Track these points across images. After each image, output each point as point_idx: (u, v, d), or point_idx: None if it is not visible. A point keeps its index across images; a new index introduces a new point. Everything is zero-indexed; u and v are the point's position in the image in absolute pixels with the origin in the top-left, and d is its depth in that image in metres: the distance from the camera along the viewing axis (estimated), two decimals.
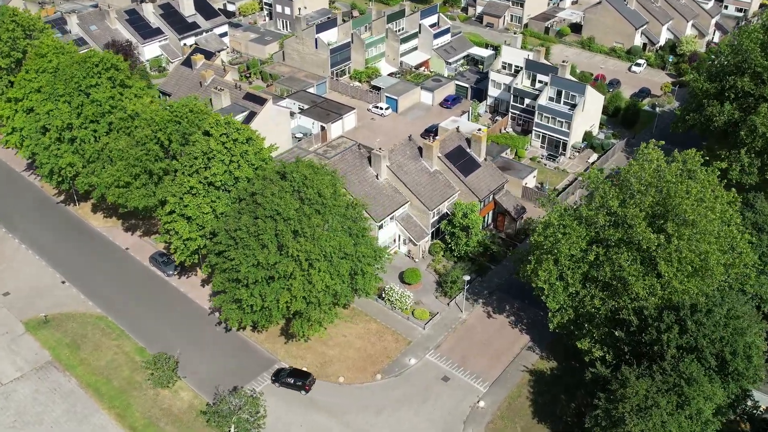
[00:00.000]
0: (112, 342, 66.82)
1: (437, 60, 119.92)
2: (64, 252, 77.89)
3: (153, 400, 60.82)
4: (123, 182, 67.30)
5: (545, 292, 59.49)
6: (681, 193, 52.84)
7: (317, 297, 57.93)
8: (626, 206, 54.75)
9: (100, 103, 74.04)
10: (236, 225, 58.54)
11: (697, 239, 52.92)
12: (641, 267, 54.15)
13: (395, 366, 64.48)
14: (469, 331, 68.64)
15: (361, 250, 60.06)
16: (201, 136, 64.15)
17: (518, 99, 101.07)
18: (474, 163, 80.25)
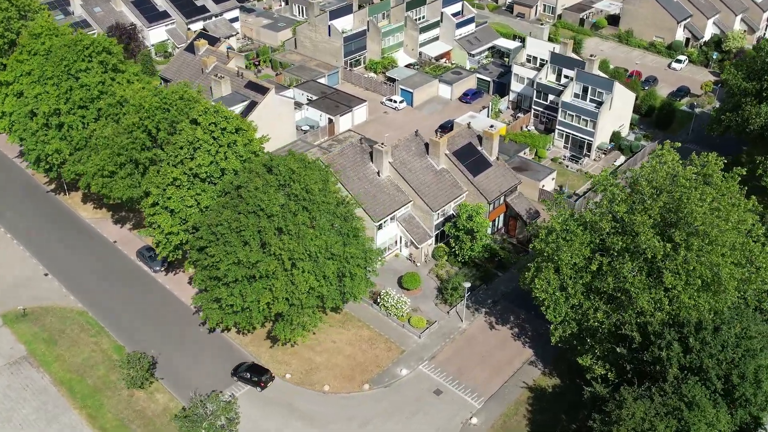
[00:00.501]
0: (90, 339, 67.97)
1: (459, 51, 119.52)
2: (49, 243, 79.47)
3: (127, 401, 61.71)
4: (107, 172, 68.37)
5: (545, 303, 58.87)
6: (694, 200, 51.83)
7: (300, 299, 58.13)
8: (634, 212, 53.89)
9: (89, 88, 75.37)
10: (217, 220, 59.07)
11: (707, 250, 51.86)
12: (646, 279, 53.26)
13: (385, 376, 64.44)
14: (468, 342, 68.28)
15: (350, 250, 60.10)
16: (188, 125, 64.92)
17: (541, 95, 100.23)
18: (484, 162, 79.79)
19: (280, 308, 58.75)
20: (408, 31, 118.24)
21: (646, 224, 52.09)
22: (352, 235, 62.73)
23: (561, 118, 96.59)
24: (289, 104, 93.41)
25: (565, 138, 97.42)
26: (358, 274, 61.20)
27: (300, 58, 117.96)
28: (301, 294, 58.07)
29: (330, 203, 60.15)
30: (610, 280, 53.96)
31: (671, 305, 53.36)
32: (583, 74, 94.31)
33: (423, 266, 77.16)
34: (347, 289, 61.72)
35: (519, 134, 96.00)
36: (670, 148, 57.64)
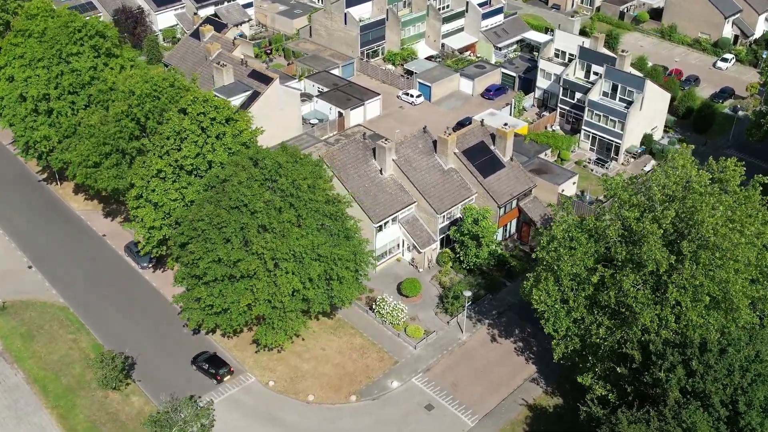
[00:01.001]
0: (69, 335, 69.17)
1: (485, 44, 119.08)
2: (36, 234, 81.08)
3: (100, 403, 62.65)
4: (92, 162, 69.53)
5: (545, 316, 58.32)
6: (705, 209, 50.86)
7: (282, 301, 58.43)
8: (644, 220, 53.06)
9: (79, 73, 76.78)
10: (199, 215, 59.68)
11: (718, 265, 50.84)
12: (651, 293, 52.41)
13: (374, 388, 64.43)
14: (467, 355, 67.94)
15: (338, 252, 60.21)
16: (175, 114, 65.72)
17: (568, 92, 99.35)
18: (497, 163, 79.33)
19: (261, 311, 59.10)
20: (430, 20, 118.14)
21: (656, 234, 51.24)
22: (343, 236, 62.83)
23: (587, 118, 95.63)
24: (294, 95, 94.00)
25: (592, 140, 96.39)
26: (346, 277, 61.22)
27: (314, 48, 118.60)
28: (284, 296, 58.32)
29: (318, 200, 60.30)
30: (611, 294, 53.21)
31: (678, 323, 52.43)
32: (613, 71, 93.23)
33: (426, 272, 76.99)
34: (335, 293, 61.81)
35: (541, 134, 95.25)
36: (686, 151, 56.64)
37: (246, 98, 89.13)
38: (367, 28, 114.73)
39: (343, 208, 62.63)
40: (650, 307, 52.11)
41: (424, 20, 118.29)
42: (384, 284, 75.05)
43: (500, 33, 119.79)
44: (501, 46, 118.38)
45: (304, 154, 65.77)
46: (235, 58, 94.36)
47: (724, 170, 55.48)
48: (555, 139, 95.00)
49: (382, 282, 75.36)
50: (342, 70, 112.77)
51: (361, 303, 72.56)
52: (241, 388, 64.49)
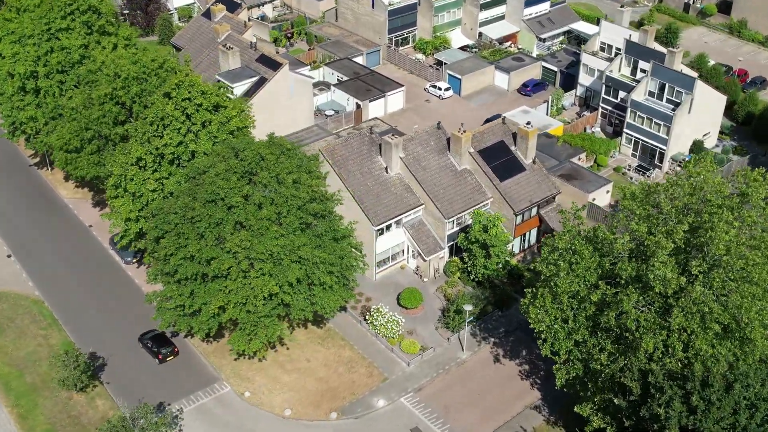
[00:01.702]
0: (40, 331, 70.91)
1: (527, 34, 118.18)
2: (20, 222, 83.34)
3: (63, 405, 64.06)
4: (72, 146, 71.17)
5: (542, 336, 57.64)
6: (720, 224, 49.63)
7: (256, 305, 58.93)
8: (655, 233, 52.04)
9: (69, 51, 78.66)
10: (173, 207, 60.62)
11: (731, 288, 49.54)
12: (656, 317, 51.32)
13: (358, 405, 64.50)
14: (465, 375, 67.56)
15: (320, 254, 60.43)
16: (160, 98, 66.86)
17: (611, 91, 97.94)
18: (516, 165, 78.70)
19: (234, 314, 59.69)
20: (467, 7, 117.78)
21: (666, 248, 50.18)
22: (330, 237, 63.05)
23: (630, 120, 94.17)
24: (306, 84, 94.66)
25: (634, 144, 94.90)
26: (328, 282, 61.38)
27: (338, 33, 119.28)
28: (258, 300, 58.79)
29: (302, 197, 60.63)
30: (611, 315, 52.30)
31: (686, 352, 51.26)
32: (661, 69, 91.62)
33: (431, 282, 76.75)
34: (317, 299, 62.09)
35: (576, 136, 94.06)
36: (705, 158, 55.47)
37: (252, 84, 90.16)
38: (396, 13, 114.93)
39: (330, 206, 62.80)
40: (655, 333, 51.01)
41: (460, 6, 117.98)
42: (383, 293, 75.11)
43: (545, 23, 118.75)
44: (545, 37, 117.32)
45: (293, 146, 66.25)
46: (244, 41, 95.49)
47: (748, 182, 54.03)
48: (591, 142, 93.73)
49: (382, 290, 75.44)
50: (366, 58, 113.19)
51: (355, 312, 72.75)
52: (214, 398, 65.25)
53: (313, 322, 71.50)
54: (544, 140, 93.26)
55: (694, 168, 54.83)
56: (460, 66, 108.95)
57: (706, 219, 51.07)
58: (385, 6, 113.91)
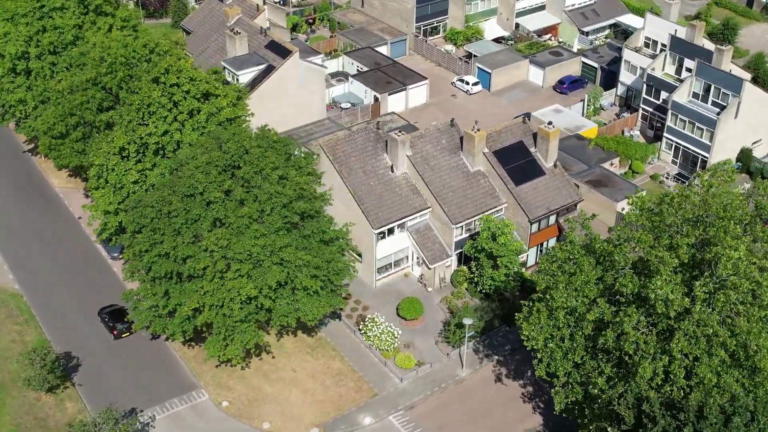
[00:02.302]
0: (15, 327, 72.54)
1: (569, 27, 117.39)
2: (6, 211, 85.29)
3: (31, 405, 65.42)
4: (56, 132, 72.69)
5: (538, 356, 57.21)
6: (727, 239, 48.77)
7: (232, 308, 59.49)
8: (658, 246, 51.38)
9: (62, 31, 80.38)
10: (150, 200, 61.57)
11: (738, 311, 48.63)
12: (658, 340, 50.59)
13: (343, 422, 64.74)
14: (463, 394, 67.39)
15: (303, 256, 60.76)
16: (147, 84, 67.93)
17: (652, 91, 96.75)
18: (535, 169, 78.21)
19: (209, 318, 60.34)
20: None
21: (669, 264, 49.52)
22: (317, 239, 63.36)
23: (671, 124, 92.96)
24: (318, 73, 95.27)
25: (675, 150, 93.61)
26: (313, 287, 61.67)
27: (363, 20, 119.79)
28: (234, 303, 59.35)
29: (287, 194, 61.05)
30: (609, 336, 51.72)
31: (689, 380, 50.45)
32: (706, 68, 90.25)
33: (435, 292, 76.69)
34: (299, 305, 62.47)
35: (611, 139, 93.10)
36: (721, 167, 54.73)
37: (259, 72, 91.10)
38: (424, 0, 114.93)
39: (317, 206, 63.09)
40: (655, 358, 50.30)
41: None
42: (383, 302, 75.29)
43: (589, 14, 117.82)
44: (588, 30, 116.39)
45: (285, 140, 66.76)
46: (254, 26, 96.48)
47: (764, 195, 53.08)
48: (627, 146, 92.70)
49: (382, 299, 75.63)
50: (391, 48, 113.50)
51: (350, 321, 73.03)
52: (190, 406, 66.05)
53: (304, 330, 71.98)
54: (575, 142, 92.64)
55: (708, 179, 53.98)
56: (490, 59, 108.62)
57: (713, 234, 50.27)
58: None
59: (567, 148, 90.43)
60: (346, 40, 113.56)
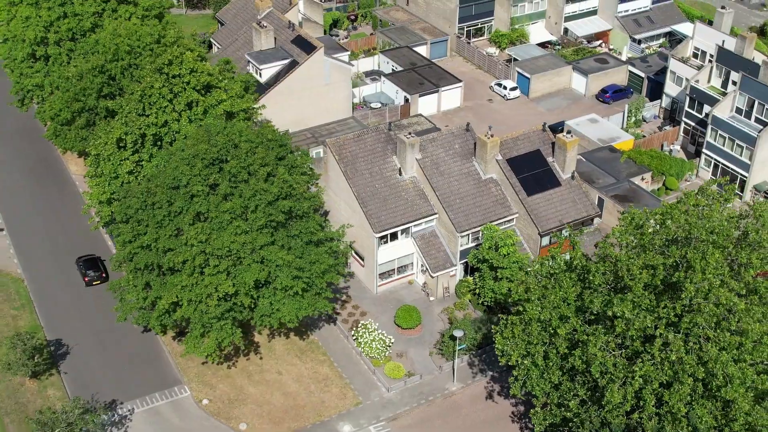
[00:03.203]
0: (11, 311, 74.80)
1: (620, 33, 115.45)
2: (21, 195, 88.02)
3: (14, 391, 67.35)
4: (62, 118, 74.74)
5: (514, 372, 56.49)
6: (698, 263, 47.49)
7: (208, 304, 60.26)
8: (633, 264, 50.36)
9: (81, 18, 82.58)
10: (136, 192, 62.87)
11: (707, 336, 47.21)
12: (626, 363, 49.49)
13: (321, 428, 64.98)
14: (450, 410, 66.94)
15: (283, 256, 61.10)
16: (149, 73, 69.31)
17: (695, 104, 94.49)
18: (550, 179, 77.24)
19: (186, 313, 61.23)
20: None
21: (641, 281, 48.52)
22: (305, 240, 63.67)
23: (710, 140, 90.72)
24: (344, 71, 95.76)
25: (713, 168, 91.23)
26: (294, 288, 61.99)
27: (406, 18, 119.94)
28: (211, 300, 60.08)
29: (272, 192, 61.53)
30: (577, 355, 50.82)
31: (659, 408, 49.24)
32: (751, 82, 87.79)
33: (438, 302, 76.39)
34: (279, 305, 62.90)
35: (645, 153, 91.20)
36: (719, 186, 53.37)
37: (282, 67, 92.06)
38: (468, 0, 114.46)
39: (304, 206, 63.39)
40: (626, 382, 49.25)
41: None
42: (382, 309, 75.30)
43: (642, 21, 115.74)
44: (640, 37, 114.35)
45: (281, 137, 67.32)
46: (284, 19, 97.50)
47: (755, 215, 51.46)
48: (662, 161, 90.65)
49: (381, 305, 75.66)
50: (430, 48, 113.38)
51: (345, 326, 73.25)
52: (170, 402, 67.12)
53: (296, 333, 72.51)
54: (607, 155, 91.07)
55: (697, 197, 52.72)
56: (531, 64, 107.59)
57: (690, 256, 49.01)
58: None
59: (597, 159, 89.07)
60: (385, 38, 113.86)
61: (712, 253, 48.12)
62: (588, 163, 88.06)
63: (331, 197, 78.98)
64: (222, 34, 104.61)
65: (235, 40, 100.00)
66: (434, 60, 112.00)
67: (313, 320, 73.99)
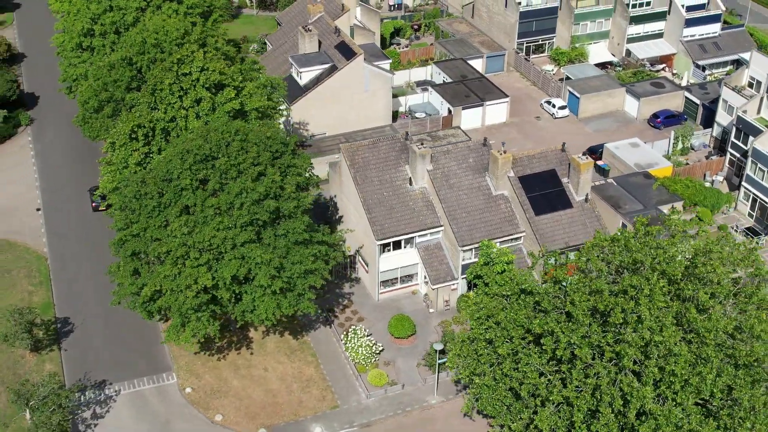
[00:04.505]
0: (29, 287, 78.59)
1: (683, 58, 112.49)
2: (62, 179, 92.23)
3: (14, 362, 70.78)
4: (91, 107, 78.09)
5: (469, 391, 56.25)
6: (642, 293, 46.51)
7: (186, 296, 62.01)
8: (581, 290, 49.68)
9: (125, 12, 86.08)
10: (131, 182, 65.33)
11: (644, 363, 46.12)
12: (561, 387, 48.76)
13: (293, 428, 65.96)
14: (425, 422, 66.94)
15: (261, 254, 62.25)
16: (160, 70, 71.73)
17: (741, 135, 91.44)
18: (562, 200, 76.25)
19: (167, 302, 63.17)
20: (616, 18, 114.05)
21: (580, 307, 47.89)
22: (292, 241, 64.75)
23: (749, 173, 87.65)
24: (385, 80, 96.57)
25: (752, 202, 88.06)
26: (272, 287, 63.08)
27: (467, 30, 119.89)
28: (190, 291, 61.79)
29: (258, 191, 62.86)
30: (514, 376, 50.32)
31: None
32: None
33: (438, 314, 76.35)
34: (257, 303, 64.17)
35: (680, 181, 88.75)
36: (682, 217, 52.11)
37: (322, 72, 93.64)
38: (528, 16, 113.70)
39: (290, 206, 64.39)
40: (559, 407, 48.56)
41: (608, 16, 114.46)
42: (380, 316, 75.77)
43: (708, 47, 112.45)
44: (704, 64, 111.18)
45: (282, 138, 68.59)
46: (331, 25, 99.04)
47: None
48: (697, 191, 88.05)
49: (380, 313, 76.14)
50: (486, 62, 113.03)
51: (341, 330, 74.03)
52: (156, 387, 69.33)
53: (291, 332, 73.76)
54: (641, 180, 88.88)
55: (644, 226, 51.64)
56: (583, 84, 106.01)
57: (628, 283, 48.09)
58: (516, 6, 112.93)
59: (629, 185, 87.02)
60: (442, 49, 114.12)
61: (657, 282, 47.07)
62: (618, 187, 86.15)
63: (343, 202, 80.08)
64: (277, 35, 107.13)
65: (285, 42, 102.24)
66: (490, 74, 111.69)
67: (309, 321, 75.17)
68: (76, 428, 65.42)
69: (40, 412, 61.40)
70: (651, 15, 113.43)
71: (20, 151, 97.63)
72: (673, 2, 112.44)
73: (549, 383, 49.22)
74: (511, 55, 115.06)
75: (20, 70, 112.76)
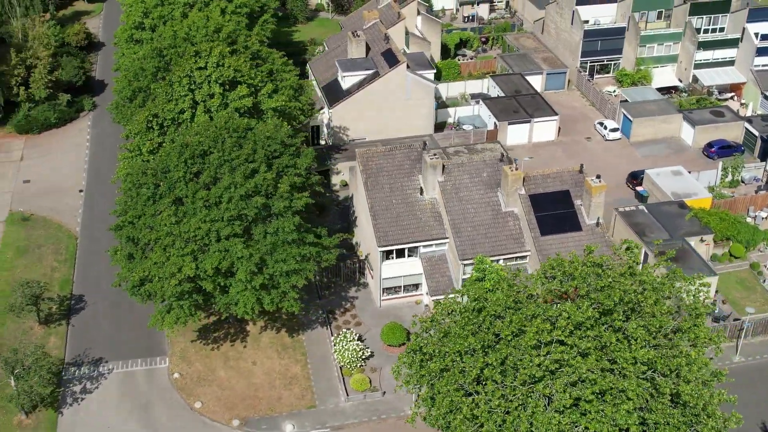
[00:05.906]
0: (54, 263, 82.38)
1: (753, 88, 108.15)
2: (109, 163, 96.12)
3: (22, 332, 74.30)
4: (124, 95, 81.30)
5: (416, 403, 55.98)
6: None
7: (169, 283, 63.85)
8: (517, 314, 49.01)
9: (173, 6, 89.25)
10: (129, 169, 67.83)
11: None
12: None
13: (266, 423, 66.91)
14: (394, 430, 66.79)
15: (241, 249, 63.43)
16: (187, 61, 74.11)
17: None
18: (571, 222, 74.77)
19: (151, 288, 65.21)
20: (685, 42, 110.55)
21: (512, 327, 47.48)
22: (282, 239, 65.73)
23: None
24: (427, 89, 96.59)
25: None
26: (252, 283, 64.22)
27: (533, 46, 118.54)
28: (173, 279, 63.61)
29: (247, 188, 64.13)
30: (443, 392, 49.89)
31: None
32: None
33: None
34: (238, 297, 65.44)
35: (714, 214, 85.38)
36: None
37: (364, 78, 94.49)
38: (593, 35, 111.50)
39: (280, 205, 65.38)
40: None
41: (677, 40, 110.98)
42: (378, 322, 75.72)
43: None
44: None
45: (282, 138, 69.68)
46: (381, 32, 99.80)
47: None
48: (731, 225, 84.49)
49: (379, 319, 76.29)
50: (546, 79, 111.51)
51: (337, 332, 74.65)
52: (147, 369, 71.56)
53: (288, 330, 74.83)
54: (674, 210, 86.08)
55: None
56: (638, 107, 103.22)
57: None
58: (581, 24, 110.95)
59: (660, 213, 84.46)
60: (504, 63, 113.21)
61: (586, 310, 46.10)
62: (648, 214, 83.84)
63: (358, 206, 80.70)
64: (334, 38, 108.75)
65: (338, 45, 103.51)
66: (549, 92, 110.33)
67: (308, 321, 76.07)
68: (64, 400, 68.27)
69: (24, 380, 64.33)
70: (721, 41, 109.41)
71: (79, 134, 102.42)
72: (746, 30, 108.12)
73: (473, 402, 48.62)
74: (574, 73, 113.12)
75: (96, 58, 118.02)
